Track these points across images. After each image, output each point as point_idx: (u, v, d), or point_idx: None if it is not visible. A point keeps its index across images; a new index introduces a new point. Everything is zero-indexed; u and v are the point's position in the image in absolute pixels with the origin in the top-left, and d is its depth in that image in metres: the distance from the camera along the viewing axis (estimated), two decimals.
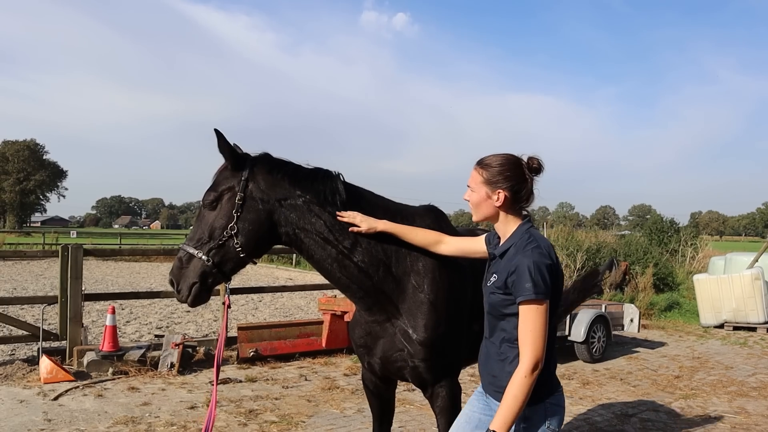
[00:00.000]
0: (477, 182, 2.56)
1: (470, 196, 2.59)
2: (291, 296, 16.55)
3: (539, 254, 2.36)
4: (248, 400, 6.41)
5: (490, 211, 2.55)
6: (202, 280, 2.91)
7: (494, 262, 2.57)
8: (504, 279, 2.40)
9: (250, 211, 2.91)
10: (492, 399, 2.54)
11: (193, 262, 2.92)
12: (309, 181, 3.00)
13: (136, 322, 11.70)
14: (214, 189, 2.98)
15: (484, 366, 2.61)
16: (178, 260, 2.97)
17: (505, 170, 2.51)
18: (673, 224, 26.93)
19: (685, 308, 14.75)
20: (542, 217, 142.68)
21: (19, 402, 6.10)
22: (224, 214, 2.92)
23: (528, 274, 2.30)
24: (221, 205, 2.93)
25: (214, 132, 2.90)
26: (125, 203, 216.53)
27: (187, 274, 2.91)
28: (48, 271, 22.66)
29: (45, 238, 39.14)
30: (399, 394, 6.36)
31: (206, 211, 2.97)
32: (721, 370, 8.58)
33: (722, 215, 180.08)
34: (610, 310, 9.47)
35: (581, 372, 8.24)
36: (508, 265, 2.42)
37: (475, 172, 2.58)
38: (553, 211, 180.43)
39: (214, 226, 2.91)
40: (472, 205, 2.60)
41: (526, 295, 2.29)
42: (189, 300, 2.93)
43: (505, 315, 2.44)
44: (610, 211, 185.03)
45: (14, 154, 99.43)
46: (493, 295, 2.47)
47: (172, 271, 2.97)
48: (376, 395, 3.50)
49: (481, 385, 2.69)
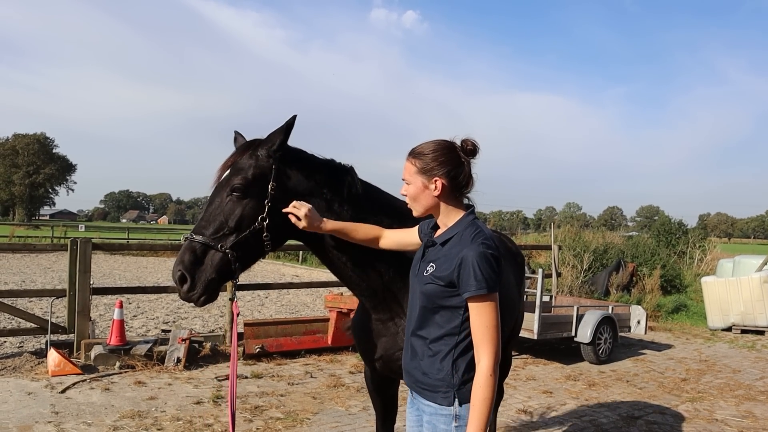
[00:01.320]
0: (411, 173, 2.41)
1: (407, 190, 2.44)
2: (297, 293, 16.56)
3: (487, 246, 2.25)
4: (254, 397, 6.42)
5: (430, 201, 2.40)
6: (221, 275, 2.62)
7: (432, 250, 2.41)
8: (448, 270, 2.25)
9: (282, 202, 2.68)
10: (420, 398, 2.41)
11: (210, 255, 2.61)
12: (333, 176, 2.90)
13: (143, 316, 11.75)
14: (240, 173, 2.68)
15: (410, 363, 2.44)
16: (191, 253, 2.60)
17: (439, 156, 2.37)
18: (681, 226, 26.78)
19: (693, 311, 14.68)
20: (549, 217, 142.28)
21: (27, 394, 6.13)
22: (255, 204, 2.65)
23: (478, 267, 2.19)
24: (250, 193, 2.66)
25: (291, 118, 2.71)
26: (133, 198, 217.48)
27: (203, 269, 2.60)
28: (56, 265, 22.77)
29: (54, 231, 39.25)
30: (405, 392, 6.37)
31: (228, 197, 2.66)
32: (729, 374, 8.54)
33: (731, 217, 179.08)
34: (616, 311, 9.44)
35: (587, 373, 8.22)
36: (451, 256, 2.28)
37: (408, 163, 2.42)
38: (560, 211, 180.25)
39: (243, 216, 2.63)
40: (410, 198, 2.44)
41: (479, 290, 2.19)
42: (203, 298, 2.62)
43: (442, 307, 2.30)
44: (617, 211, 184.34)
45: (24, 148, 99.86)
46: (431, 285, 2.30)
47: (184, 264, 2.58)
48: (378, 393, 3.50)
49: (409, 390, 2.54)
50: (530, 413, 6.33)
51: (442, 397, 2.30)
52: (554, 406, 6.61)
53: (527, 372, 8.11)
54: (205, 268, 2.60)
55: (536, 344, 8.99)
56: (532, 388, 7.32)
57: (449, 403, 2.29)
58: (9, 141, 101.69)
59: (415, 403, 2.48)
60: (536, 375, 7.95)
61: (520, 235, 35.69)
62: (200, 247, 2.61)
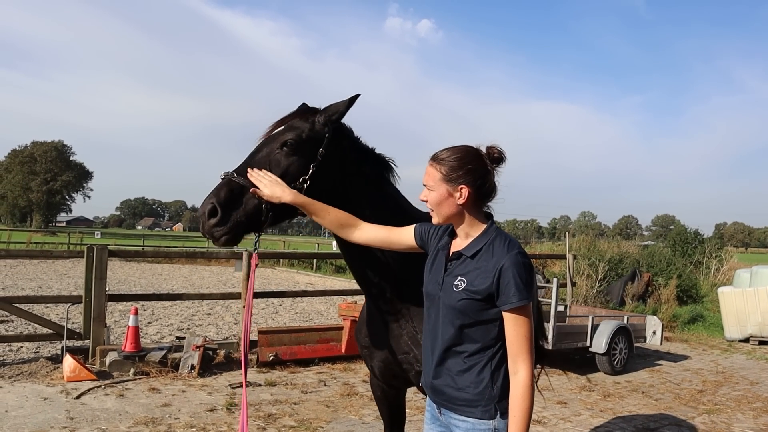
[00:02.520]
0: (435, 179, 2.30)
1: (428, 196, 2.33)
2: (311, 301, 16.58)
3: (523, 255, 2.21)
4: (267, 404, 6.43)
5: (453, 210, 2.30)
6: (250, 222, 2.57)
7: (457, 263, 2.32)
8: (486, 284, 2.18)
9: (325, 170, 2.69)
10: (452, 414, 2.32)
11: (246, 199, 2.56)
12: (378, 165, 2.93)
13: (157, 323, 11.82)
14: (295, 131, 2.69)
15: (438, 380, 2.34)
16: (228, 189, 2.54)
17: (466, 163, 2.27)
18: (697, 235, 26.54)
19: (709, 321, 14.51)
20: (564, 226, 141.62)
21: (42, 399, 6.18)
22: (301, 163, 2.65)
23: (519, 277, 2.15)
24: (300, 152, 2.65)
25: (355, 95, 2.75)
26: (148, 205, 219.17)
27: (237, 209, 2.54)
28: (72, 271, 22.97)
29: (70, 238, 39.62)
30: (418, 402, 6.35)
31: (278, 150, 2.65)
32: (746, 386, 8.43)
33: (748, 227, 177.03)
34: (632, 321, 9.35)
35: (602, 384, 8.15)
36: (487, 268, 2.20)
37: (431, 169, 2.31)
38: (574, 220, 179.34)
39: (287, 171, 2.61)
40: (431, 205, 2.33)
41: (521, 301, 2.14)
42: (225, 237, 2.55)
43: (479, 322, 2.23)
44: (632, 220, 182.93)
45: (42, 155, 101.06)
46: (465, 301, 2.21)
47: (219, 197, 2.52)
48: (384, 402, 3.49)
49: (431, 406, 2.45)
50: (545, 423, 6.29)
51: (482, 410, 2.23)
52: (569, 417, 6.56)
53: (541, 382, 8.01)
54: (239, 208, 2.55)
55: (551, 354, 8.92)
56: (547, 398, 7.26)
57: (490, 416, 2.23)
58: (27, 148, 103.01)
59: (441, 419, 2.39)
60: (551, 385, 7.90)
61: (534, 244, 35.54)
62: (239, 187, 2.56)
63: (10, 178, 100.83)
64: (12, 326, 10.62)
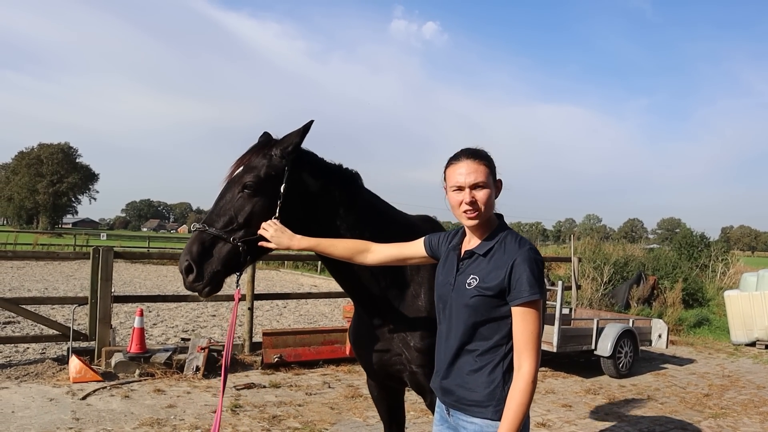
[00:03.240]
0: (487, 175, 2.27)
1: (483, 194, 2.26)
2: (315, 303, 16.59)
3: (535, 251, 2.22)
4: (272, 406, 6.44)
5: (494, 206, 2.32)
6: (226, 268, 2.64)
7: (469, 261, 2.32)
8: (498, 279, 2.18)
9: (291, 203, 2.72)
10: (461, 415, 2.30)
11: (219, 247, 2.63)
12: (343, 181, 2.92)
13: (162, 324, 11.85)
14: (253, 171, 2.70)
15: (448, 381, 2.34)
16: (199, 244, 2.62)
17: (492, 158, 2.35)
18: (703, 239, 26.45)
19: (715, 325, 14.46)
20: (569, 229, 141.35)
21: (48, 400, 6.21)
22: (266, 202, 2.68)
23: (531, 273, 2.15)
24: (261, 192, 2.68)
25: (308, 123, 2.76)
26: (154, 207, 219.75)
27: (210, 260, 2.62)
28: (78, 272, 23.05)
29: (76, 239, 39.77)
30: (422, 404, 6.34)
31: (240, 194, 2.68)
32: (753, 390, 8.39)
33: (754, 230, 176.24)
34: (637, 324, 9.33)
35: (607, 387, 8.12)
36: (499, 265, 2.20)
37: (479, 166, 2.27)
38: (579, 223, 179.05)
39: (253, 213, 2.65)
40: (484, 203, 2.26)
41: (532, 295, 2.13)
42: (207, 289, 2.63)
43: (491, 319, 2.22)
44: (638, 224, 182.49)
45: (49, 157, 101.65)
46: (478, 297, 2.21)
47: (192, 254, 2.60)
48: (381, 402, 3.53)
49: (440, 408, 2.44)
50: (549, 427, 6.27)
51: (492, 411, 2.21)
52: (574, 420, 6.55)
53: (546, 385, 8.03)
54: (213, 260, 2.62)
55: (555, 357, 8.90)
56: (552, 401, 7.25)
57: (500, 417, 2.19)
58: (34, 150, 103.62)
59: (450, 420, 2.38)
60: (555, 388, 7.88)
61: (539, 247, 35.36)
62: (210, 238, 2.63)
63: (17, 180, 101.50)
64: (18, 327, 10.67)
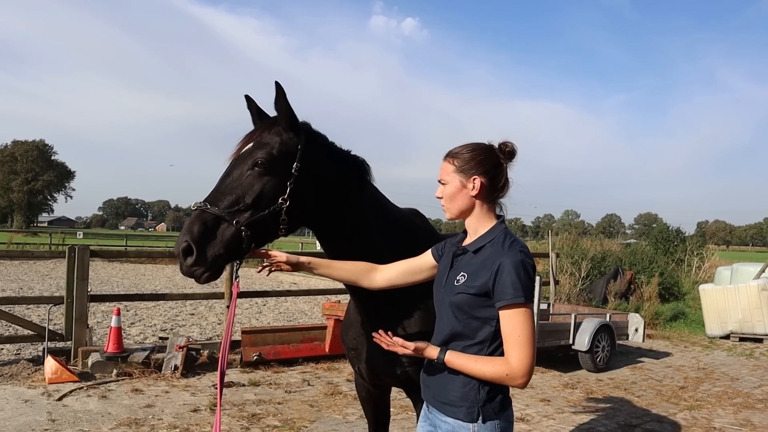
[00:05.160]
0: (449, 172, 2.30)
1: (443, 191, 2.32)
2: (295, 301, 16.55)
3: (525, 254, 2.16)
4: (251, 404, 6.41)
5: (466, 202, 2.30)
6: (229, 253, 2.40)
7: (462, 258, 2.30)
8: (483, 279, 2.15)
9: (303, 185, 2.53)
10: (437, 413, 2.29)
11: (222, 230, 2.39)
12: (356, 169, 2.80)
13: (140, 323, 11.73)
14: (265, 147, 2.51)
15: (430, 377, 2.33)
16: (201, 223, 2.37)
17: (478, 155, 2.29)
18: (679, 233, 26.80)
19: (691, 318, 14.68)
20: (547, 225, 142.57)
21: (23, 402, 6.12)
22: (276, 182, 2.48)
23: (516, 275, 2.10)
24: (275, 169, 2.48)
25: (275, 85, 2.51)
26: (131, 205, 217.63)
27: (213, 242, 2.37)
28: (54, 272, 22.73)
29: (52, 238, 39.19)
30: (402, 400, 6.36)
31: (249, 171, 2.48)
32: (727, 382, 8.54)
33: (729, 225, 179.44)
34: (614, 319, 9.43)
35: (585, 382, 8.21)
36: (487, 264, 2.17)
37: (445, 163, 2.33)
38: (558, 219, 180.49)
39: (263, 193, 2.45)
40: (445, 199, 2.32)
41: (515, 298, 2.08)
42: (206, 275, 2.38)
43: (473, 318, 2.19)
44: (616, 219, 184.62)
45: (23, 154, 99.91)
46: (462, 295, 2.19)
47: (192, 234, 2.34)
48: (369, 402, 3.47)
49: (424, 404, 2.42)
50: (528, 421, 6.32)
51: (465, 412, 2.19)
52: (552, 415, 6.60)
53: None
54: (215, 242, 2.38)
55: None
56: (530, 396, 7.31)
57: (472, 419, 2.17)
58: (8, 148, 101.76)
59: (430, 417, 2.37)
60: (534, 383, 7.94)
61: None
62: (212, 219, 2.39)
63: None
64: None
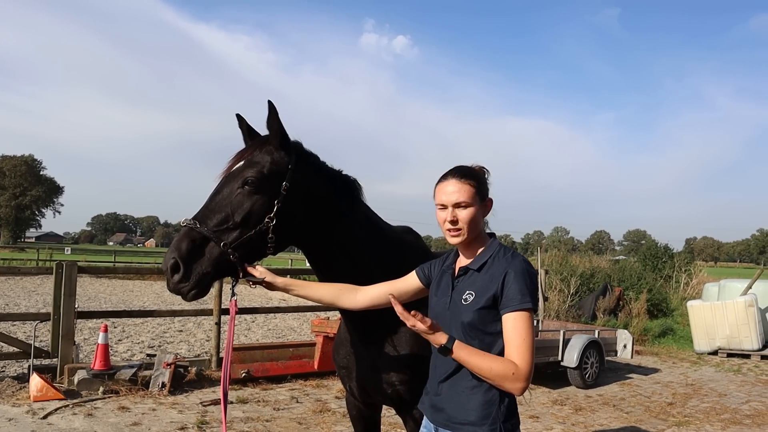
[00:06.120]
0: (471, 195, 2.25)
1: (462, 215, 2.25)
2: (284, 317, 16.48)
3: (527, 263, 2.22)
4: (239, 422, 6.36)
5: (480, 225, 2.31)
6: (217, 271, 2.41)
7: (465, 278, 2.30)
8: (492, 290, 2.16)
9: (291, 204, 2.52)
10: None
11: (210, 248, 2.40)
12: (346, 188, 2.79)
13: (128, 340, 11.63)
14: (256, 166, 2.51)
15: (440, 399, 2.29)
16: (189, 241, 2.38)
17: (486, 177, 2.35)
18: (667, 250, 27.01)
19: (679, 334, 14.75)
20: (537, 242, 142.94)
21: (7, 420, 6.04)
22: (265, 201, 2.48)
23: (522, 281, 2.14)
24: (264, 188, 2.49)
25: (268, 104, 2.52)
26: (120, 220, 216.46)
27: (201, 260, 2.38)
28: (41, 288, 22.51)
29: (39, 254, 38.96)
30: (391, 417, 6.34)
31: (239, 189, 2.48)
32: (715, 398, 8.57)
33: (717, 241, 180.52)
34: (603, 335, 9.47)
35: (574, 398, 8.21)
36: (494, 277, 2.19)
37: (464, 185, 2.25)
38: (547, 236, 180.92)
39: (252, 212, 2.45)
40: (467, 223, 2.25)
41: (523, 304, 2.11)
42: (193, 292, 2.38)
43: (488, 334, 2.19)
44: (605, 236, 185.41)
45: (11, 169, 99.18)
46: (475, 312, 2.18)
47: (180, 251, 2.35)
48: (360, 420, 3.45)
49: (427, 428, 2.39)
50: None
51: (487, 430, 2.18)
52: (541, 431, 6.60)
53: None
54: (203, 260, 2.39)
55: None
56: (519, 412, 7.29)
57: None
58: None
59: None
60: (523, 399, 7.93)
61: None
62: (200, 237, 2.40)
63: None
64: None
